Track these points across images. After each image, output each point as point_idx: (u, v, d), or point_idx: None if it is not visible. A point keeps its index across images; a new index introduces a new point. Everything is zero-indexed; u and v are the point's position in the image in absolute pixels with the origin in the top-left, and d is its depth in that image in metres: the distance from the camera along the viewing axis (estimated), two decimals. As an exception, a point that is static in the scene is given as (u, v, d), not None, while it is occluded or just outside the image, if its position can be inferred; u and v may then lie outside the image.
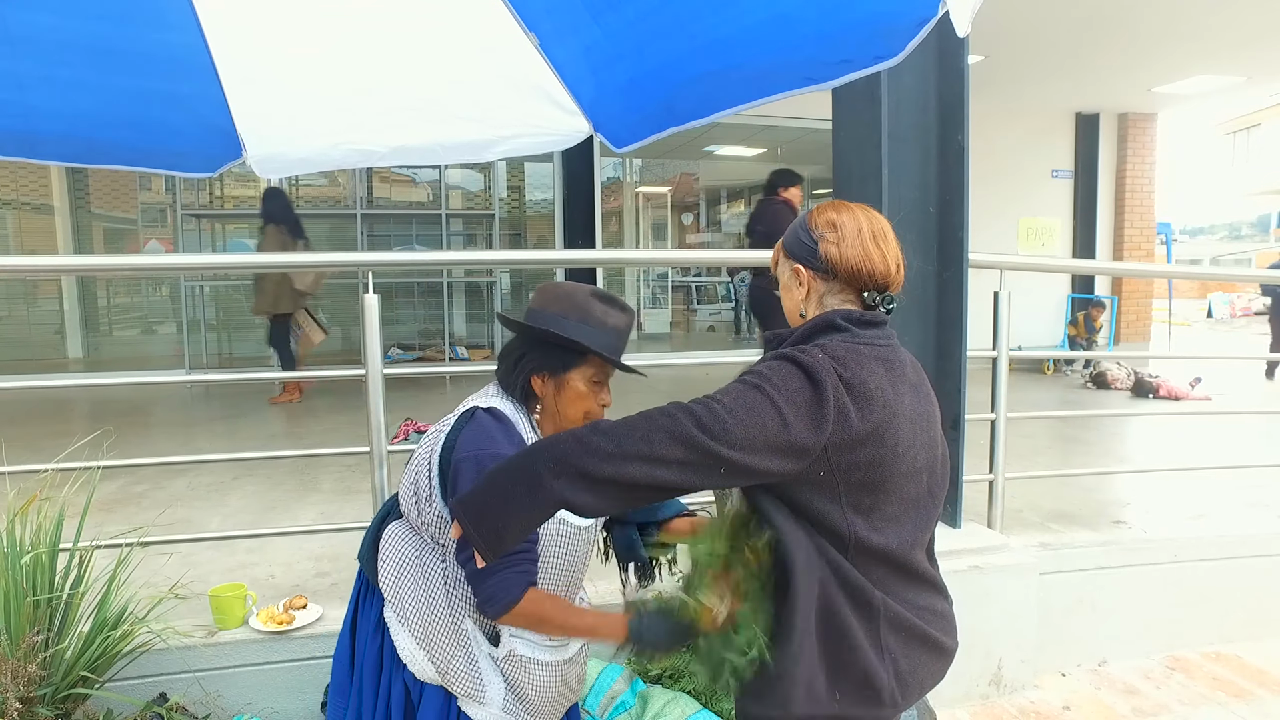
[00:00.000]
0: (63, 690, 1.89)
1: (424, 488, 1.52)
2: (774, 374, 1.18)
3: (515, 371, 1.55)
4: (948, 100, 2.80)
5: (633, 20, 1.87)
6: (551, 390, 1.55)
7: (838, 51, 1.59)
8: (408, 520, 1.60)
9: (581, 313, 1.51)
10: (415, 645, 1.53)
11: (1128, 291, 9.64)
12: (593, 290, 1.55)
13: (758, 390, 1.15)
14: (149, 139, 2.35)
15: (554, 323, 1.51)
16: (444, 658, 1.53)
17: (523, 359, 1.54)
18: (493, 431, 1.47)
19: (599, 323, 1.51)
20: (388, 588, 1.56)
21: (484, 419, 1.49)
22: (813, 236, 1.33)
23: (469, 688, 1.54)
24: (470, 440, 1.46)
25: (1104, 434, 5.16)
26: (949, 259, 2.88)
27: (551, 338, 1.51)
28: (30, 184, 8.14)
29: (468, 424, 1.49)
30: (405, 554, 1.57)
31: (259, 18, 2.12)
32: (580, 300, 1.52)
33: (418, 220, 8.96)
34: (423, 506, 1.53)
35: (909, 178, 2.83)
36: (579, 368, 1.53)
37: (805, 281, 1.34)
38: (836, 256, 1.31)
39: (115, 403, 6.37)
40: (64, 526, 2.05)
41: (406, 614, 1.54)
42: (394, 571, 1.56)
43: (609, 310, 1.54)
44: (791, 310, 1.39)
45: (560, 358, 1.52)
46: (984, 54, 6.87)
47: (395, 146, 2.32)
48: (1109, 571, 3.06)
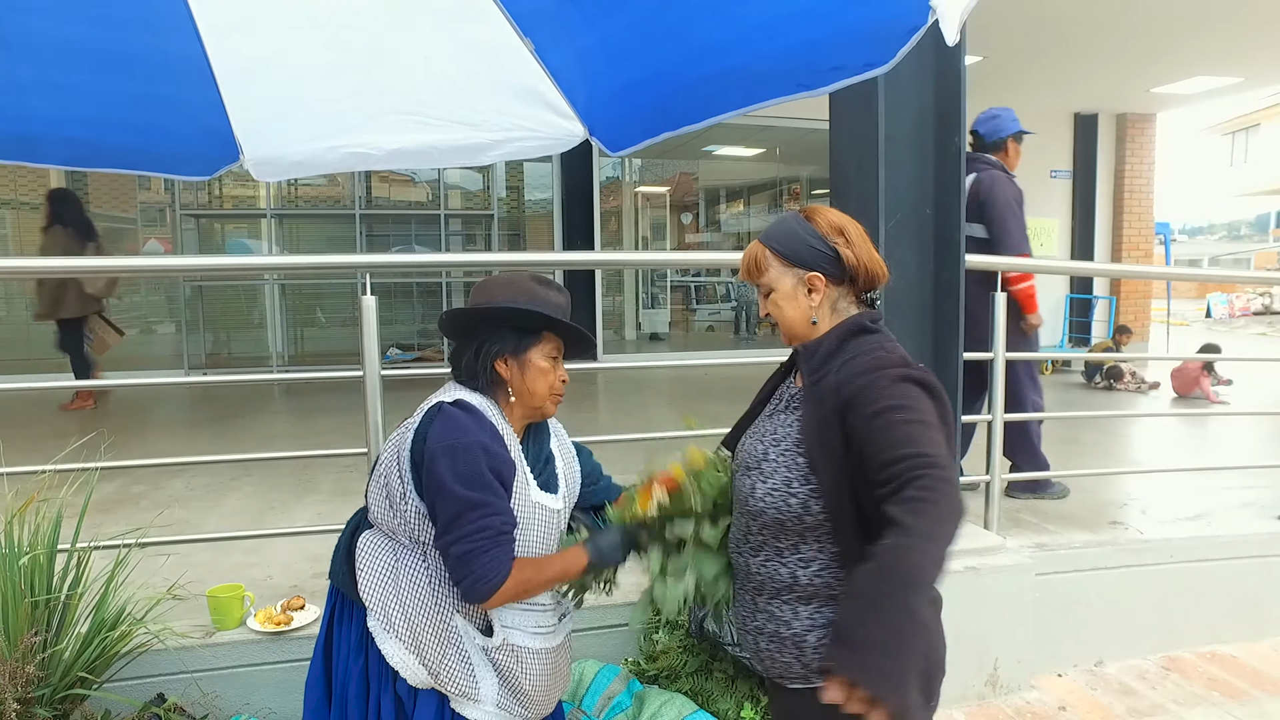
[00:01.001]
0: (61, 691, 1.90)
1: (396, 487, 1.54)
2: (915, 401, 1.23)
3: (478, 360, 1.60)
4: (945, 102, 2.81)
5: (626, 26, 1.89)
6: (517, 371, 1.60)
7: (829, 58, 1.61)
8: (380, 528, 1.60)
9: (529, 295, 1.59)
10: (405, 651, 1.53)
11: (1126, 292, 9.65)
12: (531, 275, 1.64)
13: (925, 425, 1.21)
14: (146, 142, 2.36)
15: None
16: (435, 658, 1.54)
17: (483, 347, 1.59)
18: (463, 421, 1.51)
19: (545, 301, 1.60)
20: (370, 597, 1.56)
21: (452, 411, 1.52)
22: (827, 244, 1.36)
23: (463, 687, 1.54)
24: (442, 432, 1.49)
25: (1101, 434, 5.17)
26: (945, 261, 2.89)
27: (517, 314, 1.58)
28: (29, 184, 8.14)
29: (436, 417, 1.52)
30: (383, 561, 1.57)
31: (256, 22, 2.13)
32: (524, 285, 1.61)
33: (416, 220, 8.96)
34: (397, 506, 1.54)
35: (906, 179, 2.83)
36: (538, 345, 1.61)
37: (820, 288, 1.37)
38: (855, 260, 1.36)
39: (114, 402, 6.38)
40: (62, 527, 2.06)
41: (392, 620, 1.54)
42: (375, 580, 1.56)
43: (550, 291, 1.62)
44: (799, 319, 1.40)
45: (519, 339, 1.60)
46: (982, 54, 6.88)
47: (392, 150, 2.33)
48: (1105, 572, 3.06)
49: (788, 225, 1.40)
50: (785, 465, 1.34)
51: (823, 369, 1.34)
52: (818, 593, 1.35)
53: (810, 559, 1.35)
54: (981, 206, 3.56)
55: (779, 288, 1.40)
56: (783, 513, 1.33)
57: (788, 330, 1.43)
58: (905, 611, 1.04)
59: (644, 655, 2.54)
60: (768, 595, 1.40)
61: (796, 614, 1.37)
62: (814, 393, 1.33)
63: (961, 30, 1.93)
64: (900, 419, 1.20)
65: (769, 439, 1.39)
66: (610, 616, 2.55)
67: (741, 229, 13.07)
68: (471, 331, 1.62)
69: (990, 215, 3.56)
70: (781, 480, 1.33)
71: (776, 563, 1.38)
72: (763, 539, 1.39)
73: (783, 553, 1.37)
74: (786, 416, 1.40)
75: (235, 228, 8.97)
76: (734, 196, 13.71)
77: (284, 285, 8.21)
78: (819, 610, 1.36)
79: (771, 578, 1.38)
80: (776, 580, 1.38)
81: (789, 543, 1.36)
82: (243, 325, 8.53)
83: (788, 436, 1.36)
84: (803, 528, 1.33)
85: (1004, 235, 3.57)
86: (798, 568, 1.36)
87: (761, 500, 1.35)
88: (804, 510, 1.32)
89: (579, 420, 5.39)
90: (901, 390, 1.24)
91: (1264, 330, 17.01)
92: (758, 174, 12.39)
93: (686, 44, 1.86)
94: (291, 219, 8.77)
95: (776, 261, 1.40)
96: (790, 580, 1.36)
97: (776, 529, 1.36)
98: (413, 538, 1.56)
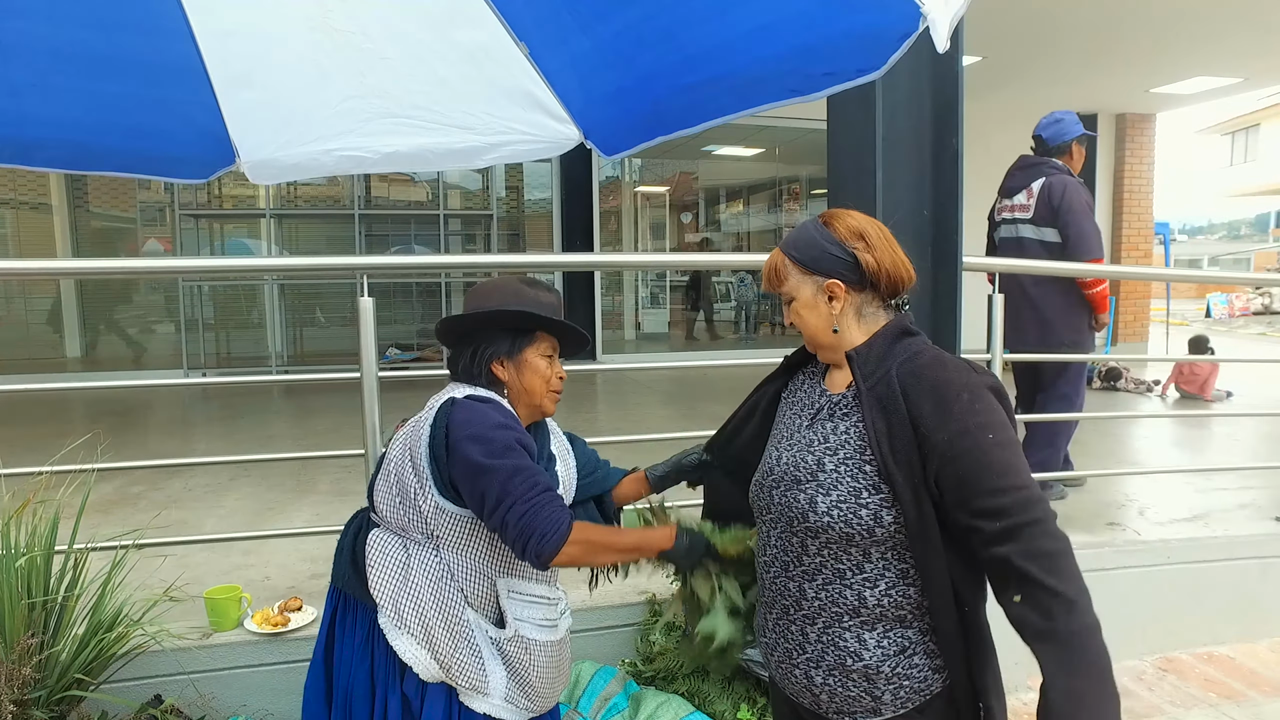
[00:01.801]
0: (57, 692, 1.90)
1: (411, 484, 1.55)
2: (1000, 417, 1.23)
3: (475, 363, 1.63)
4: (942, 103, 2.81)
5: (620, 31, 1.90)
6: (513, 372, 1.64)
7: (821, 64, 1.62)
8: (387, 526, 1.62)
9: (519, 297, 1.63)
10: (417, 645, 1.56)
11: (1125, 292, 9.65)
12: (521, 278, 1.68)
13: (1016, 449, 1.21)
14: (142, 145, 2.37)
15: None
16: (447, 652, 1.56)
17: (479, 350, 1.62)
18: (483, 409, 1.54)
19: (536, 303, 1.63)
20: (383, 594, 1.57)
21: (468, 403, 1.55)
22: (846, 249, 1.32)
23: (473, 680, 1.58)
24: (464, 421, 1.51)
25: (1098, 436, 5.17)
26: (943, 261, 2.89)
27: (510, 317, 1.61)
28: (28, 183, 8.15)
29: (452, 410, 1.54)
30: (395, 558, 1.59)
31: (251, 25, 2.13)
32: (515, 288, 1.65)
33: (416, 220, 8.97)
34: (412, 503, 1.56)
35: (904, 181, 2.83)
36: (532, 345, 1.64)
37: (841, 295, 1.33)
38: (875, 265, 1.32)
39: (113, 402, 6.38)
40: (59, 528, 2.06)
41: (404, 616, 1.56)
42: (386, 577, 1.58)
43: (540, 292, 1.65)
44: (821, 327, 1.35)
45: (514, 340, 1.63)
46: (982, 55, 6.88)
47: (387, 153, 2.34)
48: (1102, 574, 3.06)
49: (806, 232, 1.37)
50: (850, 474, 1.27)
51: (878, 370, 1.29)
52: (885, 614, 1.28)
53: (877, 577, 1.27)
54: (1056, 212, 3.58)
55: (799, 296, 1.36)
56: (852, 525, 1.25)
57: (810, 339, 1.39)
58: (1114, 701, 1.14)
59: (641, 656, 2.54)
60: (824, 622, 1.31)
61: (863, 642, 1.28)
62: (873, 396, 1.28)
63: (957, 34, 1.93)
64: (992, 441, 1.18)
65: (820, 449, 1.31)
66: (607, 618, 2.55)
67: (741, 229, 13.06)
68: (467, 337, 1.64)
69: (1066, 221, 3.58)
70: (848, 490, 1.26)
71: (839, 585, 1.29)
72: (821, 559, 1.30)
73: (845, 573, 1.29)
74: (836, 424, 1.33)
75: (235, 228, 8.98)
76: (734, 196, 13.70)
77: (283, 285, 8.22)
78: (886, 635, 1.28)
79: (833, 602, 1.30)
80: (839, 604, 1.29)
81: (853, 561, 1.28)
82: (242, 325, 8.54)
83: (847, 444, 1.29)
84: (870, 541, 1.26)
85: (1081, 240, 3.59)
86: (864, 588, 1.28)
87: (827, 514, 1.26)
88: (875, 521, 1.25)
89: (577, 420, 5.40)
90: (985, 405, 1.22)
91: (1264, 330, 17.00)
92: (757, 174, 12.38)
93: (680, 49, 1.87)
94: (291, 219, 8.78)
95: (796, 270, 1.36)
96: (856, 603, 1.28)
97: (842, 545, 1.28)
98: (425, 533, 1.58)
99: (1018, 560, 1.14)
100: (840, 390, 1.36)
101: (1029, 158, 3.78)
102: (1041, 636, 1.14)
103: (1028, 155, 3.80)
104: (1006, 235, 3.78)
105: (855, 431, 1.29)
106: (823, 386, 1.41)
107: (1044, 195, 3.58)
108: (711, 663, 1.62)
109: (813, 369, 1.47)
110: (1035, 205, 3.63)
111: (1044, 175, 3.61)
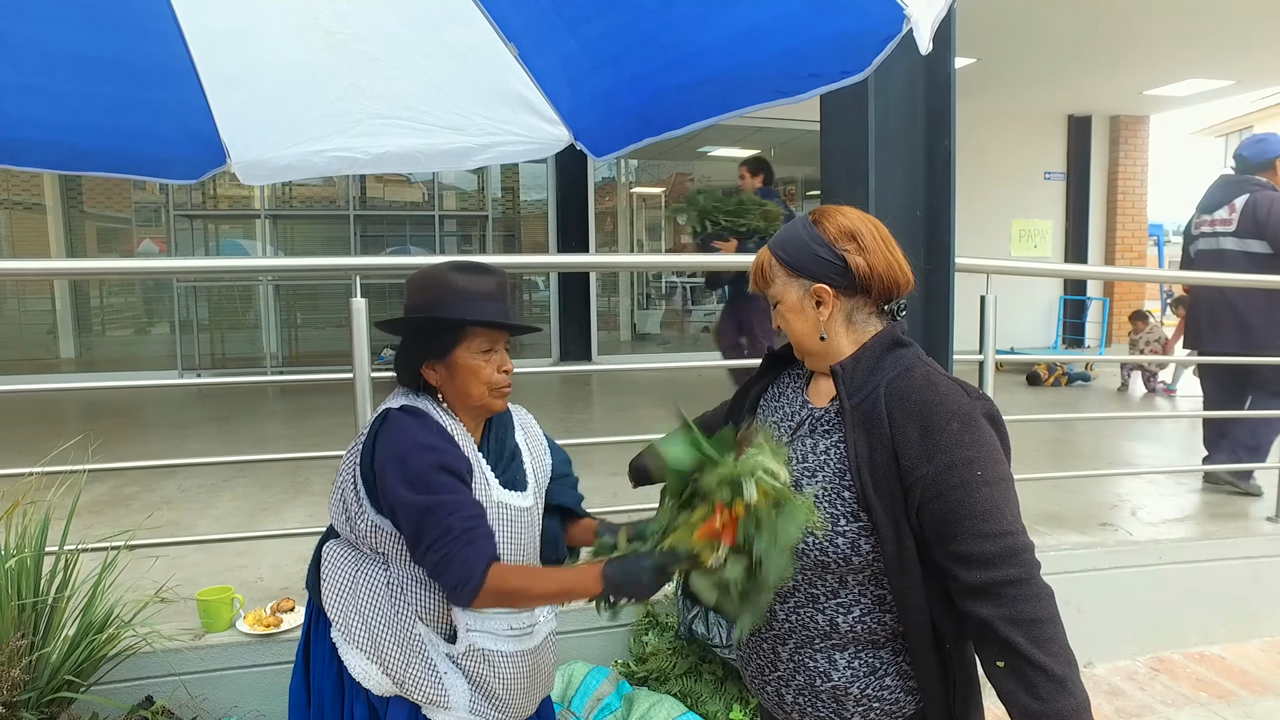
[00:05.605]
0: (47, 694, 1.90)
1: (351, 501, 1.50)
2: (992, 451, 1.15)
3: (405, 368, 1.53)
4: (935, 105, 2.82)
5: (607, 33, 1.90)
6: (444, 375, 1.51)
7: (806, 66, 1.63)
8: (344, 538, 1.58)
9: (445, 290, 1.47)
10: (367, 661, 1.51)
11: (1120, 293, 9.69)
12: (452, 264, 1.52)
13: (1006, 487, 1.15)
14: (133, 146, 2.37)
15: (424, 310, 1.48)
16: (398, 668, 1.50)
17: (407, 355, 1.52)
18: (408, 427, 1.45)
19: (464, 293, 1.47)
20: (332, 609, 1.53)
21: (397, 418, 1.47)
22: (835, 251, 1.22)
23: (430, 694, 1.51)
24: (387, 442, 1.44)
25: (1092, 436, 5.19)
26: (936, 263, 2.90)
27: (417, 323, 1.48)
28: (22, 183, 8.13)
29: (381, 427, 1.47)
30: (344, 572, 1.54)
31: (241, 26, 2.13)
32: (440, 278, 1.49)
33: (411, 221, 8.97)
34: (355, 520, 1.51)
35: (896, 182, 2.84)
36: (462, 344, 1.48)
37: (829, 300, 1.23)
38: (866, 269, 1.22)
39: (107, 403, 6.37)
40: (50, 529, 2.06)
41: (353, 632, 1.51)
42: (335, 590, 1.54)
43: (471, 278, 1.49)
44: (808, 333, 1.26)
45: (439, 340, 1.48)
46: (976, 56, 6.89)
47: (378, 154, 2.34)
48: (1095, 574, 3.07)
49: (794, 231, 1.27)
50: (827, 501, 1.19)
51: (865, 387, 1.20)
52: (857, 639, 1.22)
53: (851, 604, 1.21)
54: (1262, 226, 3.76)
55: (785, 299, 1.26)
56: (827, 554, 1.18)
57: (797, 345, 1.30)
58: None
59: (633, 657, 2.54)
60: (795, 644, 1.26)
61: (833, 663, 1.23)
62: (858, 414, 1.19)
63: (950, 36, 1.94)
64: (980, 479, 1.11)
65: (798, 469, 1.22)
66: (599, 618, 2.54)
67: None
68: (401, 339, 1.55)
69: (1278, 234, 3.75)
70: (824, 518, 1.18)
71: (810, 609, 1.23)
72: (795, 583, 1.23)
73: (819, 598, 1.22)
74: (817, 441, 1.24)
75: (230, 228, 8.97)
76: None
77: (278, 286, 8.21)
78: (857, 656, 1.23)
79: (803, 625, 1.24)
80: (809, 628, 1.24)
81: (827, 587, 1.22)
82: (236, 326, 8.52)
83: (826, 465, 1.21)
84: (847, 569, 1.19)
85: None
86: (836, 614, 1.22)
87: (801, 541, 1.18)
88: (852, 550, 1.18)
89: (573, 422, 5.40)
90: (976, 436, 1.14)
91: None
92: (753, 174, 12.39)
93: (667, 51, 1.88)
94: (286, 219, 8.77)
95: (782, 271, 1.26)
96: (827, 628, 1.22)
97: (816, 571, 1.21)
98: (372, 547, 1.53)
99: (1001, 628, 1.08)
100: (823, 404, 1.28)
101: (1230, 175, 4.01)
102: (1032, 718, 1.08)
103: (1228, 174, 4.04)
104: (1205, 247, 3.96)
105: (835, 453, 1.21)
106: (805, 396, 1.33)
107: (1249, 209, 3.78)
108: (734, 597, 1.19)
109: (797, 370, 1.39)
110: (1238, 219, 3.82)
111: (1248, 191, 3.82)
